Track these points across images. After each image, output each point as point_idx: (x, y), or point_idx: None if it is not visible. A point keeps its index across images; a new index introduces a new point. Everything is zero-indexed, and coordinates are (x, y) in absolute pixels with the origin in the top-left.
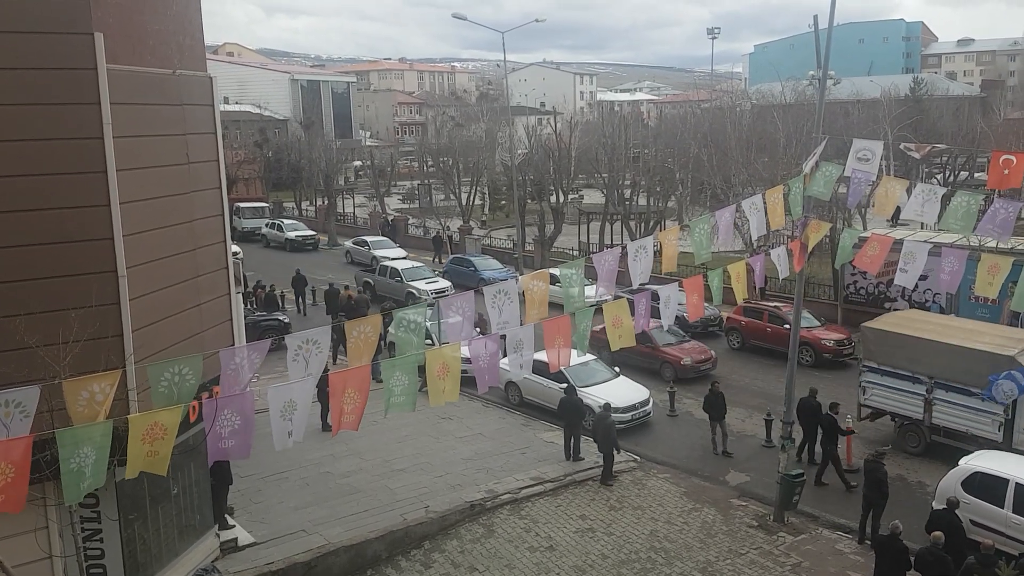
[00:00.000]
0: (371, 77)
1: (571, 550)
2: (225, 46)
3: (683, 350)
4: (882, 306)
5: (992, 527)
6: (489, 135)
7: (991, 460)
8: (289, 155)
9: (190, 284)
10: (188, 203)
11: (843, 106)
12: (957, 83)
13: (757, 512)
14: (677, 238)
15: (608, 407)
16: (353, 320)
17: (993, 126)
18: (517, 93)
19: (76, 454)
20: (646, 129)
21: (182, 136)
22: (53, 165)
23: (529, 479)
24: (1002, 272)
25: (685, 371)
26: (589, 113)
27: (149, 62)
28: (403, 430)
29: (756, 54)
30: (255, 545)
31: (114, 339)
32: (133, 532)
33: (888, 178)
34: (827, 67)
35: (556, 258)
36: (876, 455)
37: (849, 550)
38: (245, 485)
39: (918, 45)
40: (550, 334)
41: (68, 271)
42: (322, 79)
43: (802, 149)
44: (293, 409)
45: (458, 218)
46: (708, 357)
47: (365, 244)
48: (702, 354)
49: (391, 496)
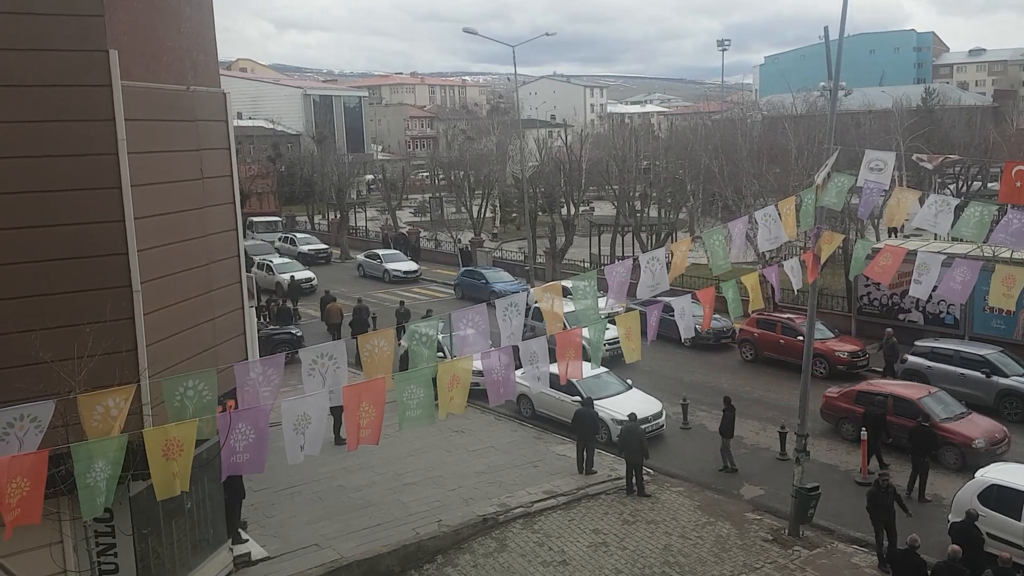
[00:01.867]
0: (383, 91)
1: (585, 565)
2: (238, 62)
3: (971, 427)
4: (896, 318)
5: (1009, 540)
6: (500, 148)
7: (1007, 473)
8: (302, 169)
9: (204, 298)
10: (202, 218)
11: (855, 117)
12: (969, 93)
13: (772, 526)
14: (688, 248)
15: (635, 418)
16: (366, 334)
17: (1006, 136)
18: (528, 106)
19: (91, 468)
20: (657, 141)
21: (196, 152)
22: (68, 181)
23: (542, 493)
24: (1018, 283)
25: (976, 456)
26: (600, 125)
27: (163, 78)
28: (415, 443)
29: (767, 65)
30: (268, 559)
31: (128, 353)
32: (147, 546)
33: (900, 189)
34: (838, 78)
35: (567, 270)
36: (882, 478)
37: (865, 564)
38: (258, 499)
39: (929, 55)
40: (562, 346)
41: (83, 286)
42: (334, 94)
43: (814, 160)
44: (307, 423)
45: (469, 231)
46: (1004, 438)
47: (377, 257)
48: (997, 433)
49: (404, 510)
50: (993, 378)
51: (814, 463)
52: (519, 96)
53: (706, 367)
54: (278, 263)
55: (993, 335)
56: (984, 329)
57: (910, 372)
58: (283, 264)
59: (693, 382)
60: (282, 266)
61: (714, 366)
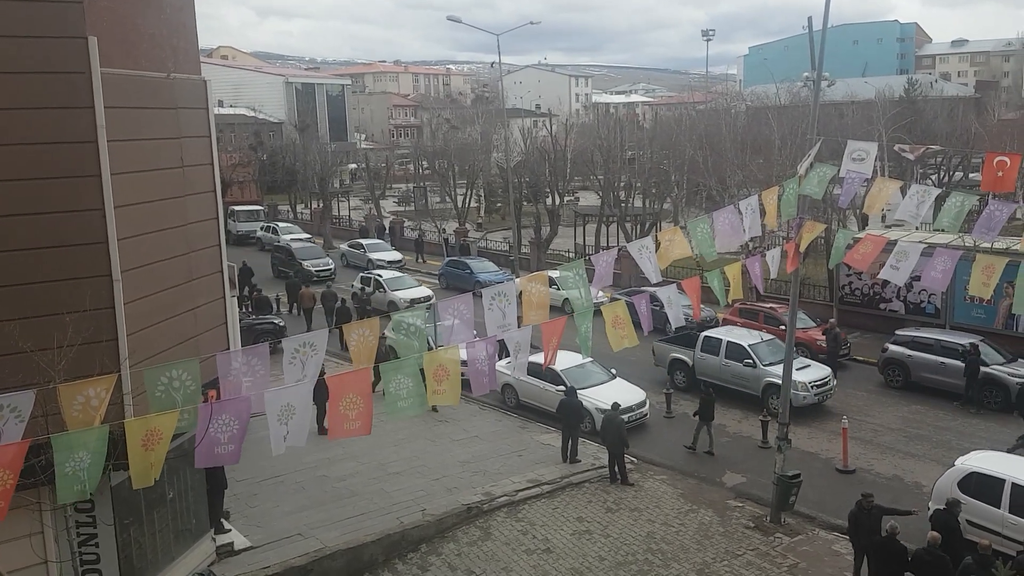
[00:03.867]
0: (366, 80)
1: (568, 552)
2: (219, 49)
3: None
4: (877, 307)
5: (989, 527)
6: (484, 137)
7: (987, 460)
8: (284, 158)
9: (185, 288)
10: (182, 206)
11: (838, 107)
12: (951, 84)
13: (754, 513)
14: (674, 236)
15: (617, 407)
16: (352, 323)
17: (987, 127)
18: (512, 95)
19: (71, 458)
20: (641, 131)
21: (176, 140)
22: (47, 169)
23: (526, 481)
24: (997, 273)
25: None
26: (584, 115)
27: (143, 66)
28: (399, 433)
29: (751, 56)
30: (251, 549)
31: (109, 343)
32: (129, 537)
33: (882, 179)
34: (821, 68)
35: (552, 260)
36: (865, 500)
37: (846, 551)
38: (241, 489)
39: (912, 46)
40: (547, 335)
41: (63, 275)
42: (317, 82)
43: (797, 150)
44: (291, 413)
45: (454, 221)
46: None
47: (361, 247)
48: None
49: (387, 499)
50: None
51: (795, 451)
52: (504, 85)
53: None
54: (388, 278)
55: (974, 324)
56: (965, 318)
57: (890, 361)
58: (394, 279)
59: None
60: (394, 281)
61: None
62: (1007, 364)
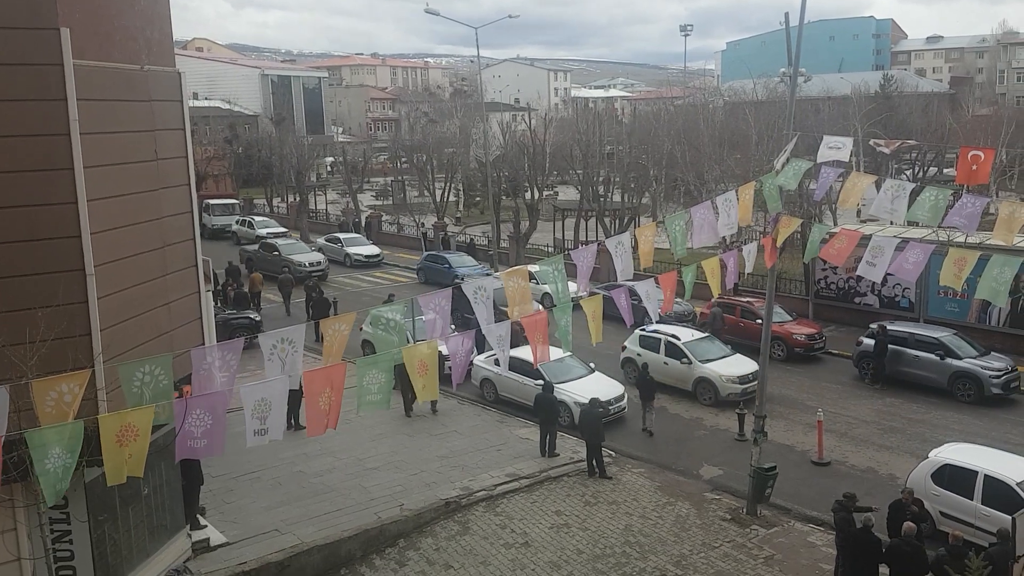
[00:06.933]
0: (343, 72)
1: (546, 546)
2: (194, 41)
3: None
4: (852, 301)
5: (962, 519)
6: (463, 131)
7: (960, 452)
8: (260, 151)
9: (159, 282)
10: (156, 200)
11: (814, 103)
12: (926, 80)
13: (730, 505)
14: (654, 234)
15: (595, 402)
16: (328, 318)
17: (962, 122)
18: (491, 89)
19: (48, 455)
20: (620, 126)
21: (150, 132)
22: (19, 162)
23: (504, 476)
24: (968, 266)
25: None
26: (564, 110)
27: (117, 57)
28: (377, 428)
29: (728, 51)
30: (227, 545)
31: (82, 338)
32: (103, 533)
33: (857, 173)
34: (798, 64)
35: (531, 255)
36: (846, 499)
37: (821, 543)
38: (217, 485)
39: (888, 42)
40: (530, 330)
41: (35, 269)
42: (293, 74)
43: (774, 145)
44: (266, 408)
45: (432, 215)
46: None
47: (338, 241)
48: None
49: (365, 495)
50: (947, 360)
51: (771, 444)
52: (482, 79)
53: None
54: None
55: (947, 318)
56: (939, 312)
57: (864, 354)
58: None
59: None
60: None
61: None
62: (980, 358)
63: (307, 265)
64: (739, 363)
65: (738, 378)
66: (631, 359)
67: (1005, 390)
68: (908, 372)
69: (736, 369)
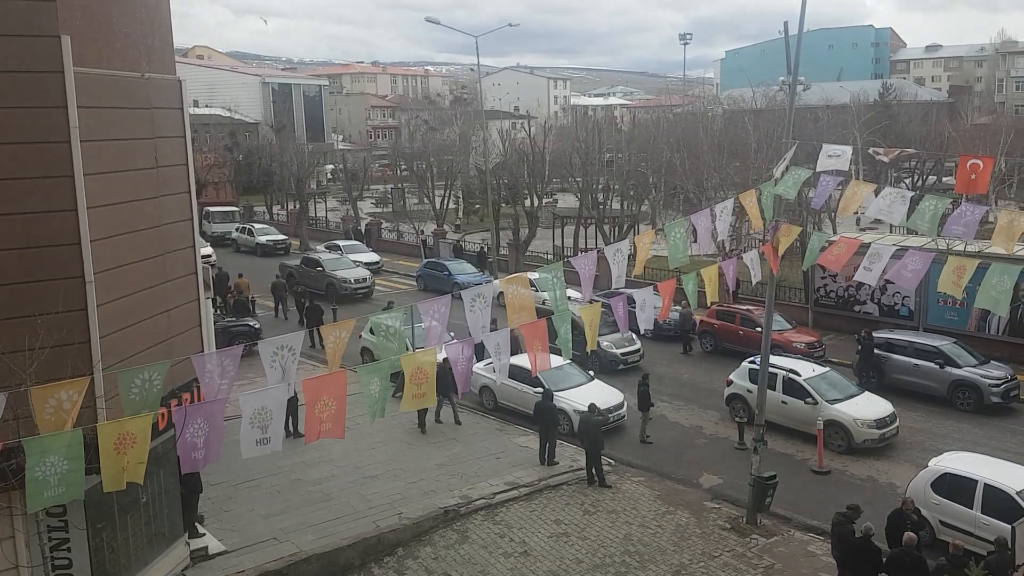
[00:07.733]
0: (343, 80)
1: (545, 555)
2: (195, 49)
3: None
4: (851, 309)
5: (962, 528)
6: (463, 139)
7: (960, 461)
8: (260, 159)
9: (158, 289)
10: (157, 207)
11: (813, 111)
12: (925, 88)
13: (730, 515)
14: (651, 242)
15: (594, 409)
16: (329, 325)
17: (960, 131)
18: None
19: (42, 463)
20: (619, 134)
21: (151, 140)
22: (19, 169)
23: (503, 484)
24: (967, 274)
25: None
26: (563, 117)
27: (117, 65)
28: (376, 436)
29: (728, 60)
30: (226, 553)
31: (81, 345)
32: (101, 541)
33: (856, 181)
34: (797, 72)
35: (530, 262)
36: (850, 511)
37: (821, 552)
38: (215, 493)
39: (887, 51)
40: (528, 338)
41: (35, 277)
42: (294, 82)
43: (773, 153)
44: (266, 417)
45: (432, 222)
46: None
47: (337, 248)
48: None
49: (364, 503)
50: (947, 369)
51: (771, 452)
52: (482, 87)
53: (667, 358)
54: None
55: (947, 327)
56: (938, 321)
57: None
58: None
59: (654, 373)
60: None
61: (675, 357)
62: (979, 366)
63: (352, 282)
64: (872, 404)
65: (875, 422)
66: (739, 395)
67: (1005, 399)
68: (908, 381)
69: (871, 411)
